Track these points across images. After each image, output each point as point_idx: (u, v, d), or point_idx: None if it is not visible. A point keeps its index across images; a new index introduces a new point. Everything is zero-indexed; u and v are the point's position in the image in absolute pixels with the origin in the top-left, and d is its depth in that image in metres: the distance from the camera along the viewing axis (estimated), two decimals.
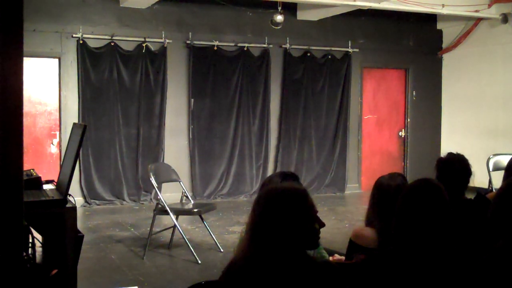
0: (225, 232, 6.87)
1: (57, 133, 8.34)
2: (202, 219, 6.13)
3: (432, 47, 10.63)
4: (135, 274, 5.17)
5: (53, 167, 8.17)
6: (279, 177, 3.10)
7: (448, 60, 10.63)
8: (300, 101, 9.54)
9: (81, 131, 2.83)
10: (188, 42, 8.82)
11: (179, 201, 6.50)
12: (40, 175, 3.25)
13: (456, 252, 2.28)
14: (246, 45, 9.13)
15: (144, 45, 8.50)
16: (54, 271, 2.59)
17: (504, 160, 6.19)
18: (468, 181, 3.54)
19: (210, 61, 8.93)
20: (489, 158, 6.38)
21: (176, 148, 8.88)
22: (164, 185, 8.71)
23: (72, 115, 8.23)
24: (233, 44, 9.09)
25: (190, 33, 8.83)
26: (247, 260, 2.13)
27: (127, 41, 8.47)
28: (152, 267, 5.46)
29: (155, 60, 8.62)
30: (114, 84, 8.42)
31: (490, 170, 6.29)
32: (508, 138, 9.48)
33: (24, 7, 1.77)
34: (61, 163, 6.84)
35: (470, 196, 3.60)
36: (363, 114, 10.25)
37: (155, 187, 6.03)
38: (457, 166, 3.54)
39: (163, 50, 8.65)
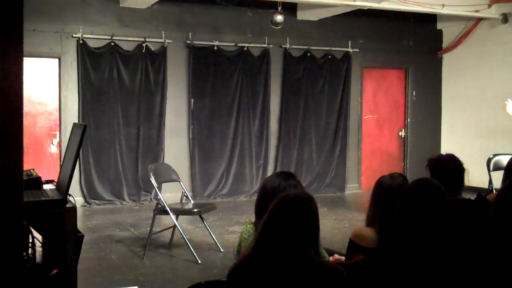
0: (225, 232, 6.87)
1: (57, 133, 8.34)
2: (202, 219, 6.13)
3: (432, 47, 10.63)
4: (135, 274, 5.17)
5: (53, 167, 8.17)
6: (280, 177, 3.12)
7: (448, 60, 10.63)
8: (300, 101, 9.54)
9: (81, 131, 2.83)
10: (188, 42, 8.82)
11: (179, 201, 6.50)
12: (40, 175, 3.25)
13: (455, 252, 2.27)
14: (246, 45, 9.13)
15: (144, 45, 8.50)
16: (54, 271, 2.59)
17: (504, 160, 6.19)
18: (463, 178, 3.54)
19: (210, 61, 8.93)
20: (489, 158, 6.38)
21: (176, 148, 8.88)
22: (164, 185, 8.71)
23: (72, 115, 8.23)
24: (233, 44, 9.09)
25: (190, 33, 8.83)
26: (255, 261, 2.16)
27: (127, 41, 8.46)
28: (152, 267, 5.45)
29: (155, 60, 8.62)
30: (114, 84, 8.41)
31: (490, 170, 6.29)
32: (508, 138, 9.48)
33: (24, 7, 1.77)
34: (61, 163, 6.84)
35: (470, 196, 3.60)
36: (363, 114, 10.24)
37: (155, 187, 6.03)
38: (450, 164, 3.53)
39: (163, 50, 8.65)
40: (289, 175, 3.19)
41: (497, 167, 6.26)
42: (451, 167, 3.51)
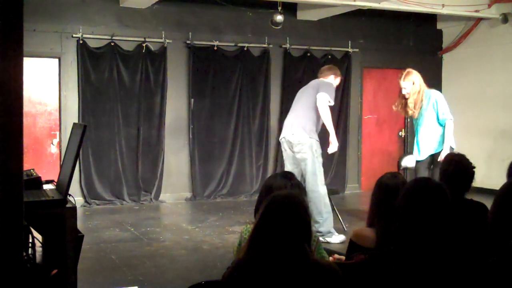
0: (225, 232, 6.87)
1: (57, 133, 8.33)
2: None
3: (432, 47, 10.63)
4: (135, 274, 5.17)
5: (53, 167, 8.17)
6: (285, 177, 3.13)
7: (448, 60, 10.63)
8: None
9: (81, 131, 2.83)
10: (188, 42, 8.81)
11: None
12: (40, 175, 3.26)
13: (457, 253, 2.27)
14: (246, 45, 9.13)
15: (144, 45, 8.49)
16: (54, 271, 2.59)
17: None
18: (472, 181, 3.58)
19: (210, 61, 8.93)
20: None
21: (176, 148, 8.88)
22: (164, 185, 8.73)
23: (72, 115, 8.23)
24: (233, 44, 9.09)
25: (190, 33, 8.83)
26: (250, 262, 2.17)
27: (127, 41, 8.46)
28: (152, 267, 5.45)
29: (155, 60, 8.61)
30: (114, 84, 8.41)
31: None
32: (508, 138, 9.48)
33: (24, 7, 1.77)
34: (61, 163, 6.84)
35: (471, 196, 3.61)
36: (363, 114, 10.24)
37: None
38: (469, 165, 3.57)
39: (163, 50, 8.64)
40: (291, 175, 3.21)
41: None
42: (469, 168, 3.55)
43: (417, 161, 6.21)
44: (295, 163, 6.36)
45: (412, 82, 6.06)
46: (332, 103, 6.39)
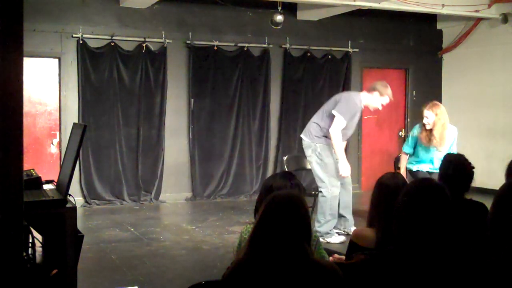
0: (225, 232, 6.87)
1: (57, 133, 8.33)
2: None
3: (432, 47, 10.63)
4: (135, 274, 5.17)
5: (53, 167, 8.17)
6: (285, 177, 3.13)
7: (448, 60, 10.63)
8: (300, 101, 9.53)
9: (81, 131, 2.83)
10: (188, 42, 8.81)
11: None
12: (40, 175, 3.26)
13: (457, 253, 2.27)
14: (246, 45, 9.13)
15: (144, 45, 8.49)
16: (54, 271, 2.59)
17: None
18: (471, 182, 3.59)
19: (210, 61, 8.93)
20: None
21: (176, 148, 8.88)
22: (164, 185, 8.74)
23: (72, 115, 8.23)
24: (233, 44, 9.09)
25: (190, 33, 8.83)
26: (251, 262, 2.17)
27: (127, 41, 8.46)
28: (152, 267, 5.45)
29: (155, 60, 8.61)
30: (114, 84, 8.41)
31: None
32: (508, 138, 9.48)
33: (24, 7, 1.77)
34: (61, 163, 6.84)
35: (471, 196, 3.62)
36: (363, 114, 10.21)
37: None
38: (469, 165, 3.58)
39: (163, 50, 8.64)
40: (291, 175, 3.21)
41: None
42: (469, 169, 3.56)
43: (418, 171, 6.36)
44: None
45: (435, 114, 6.13)
46: (344, 124, 6.45)
